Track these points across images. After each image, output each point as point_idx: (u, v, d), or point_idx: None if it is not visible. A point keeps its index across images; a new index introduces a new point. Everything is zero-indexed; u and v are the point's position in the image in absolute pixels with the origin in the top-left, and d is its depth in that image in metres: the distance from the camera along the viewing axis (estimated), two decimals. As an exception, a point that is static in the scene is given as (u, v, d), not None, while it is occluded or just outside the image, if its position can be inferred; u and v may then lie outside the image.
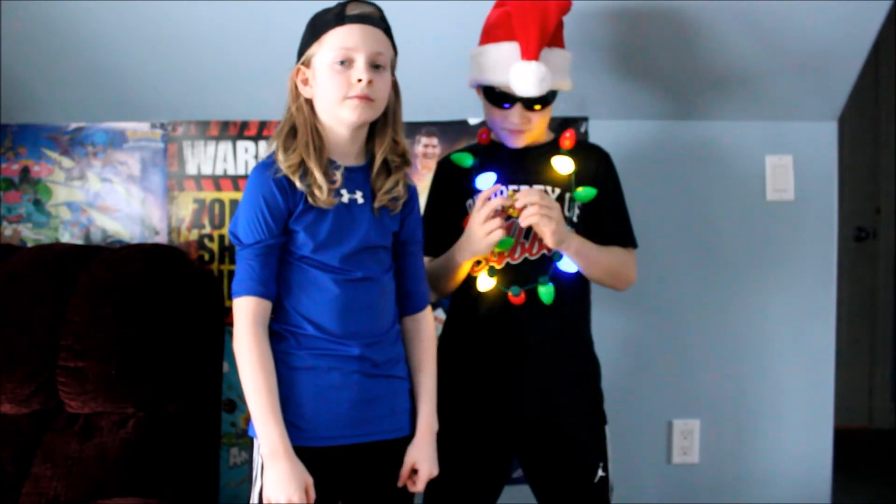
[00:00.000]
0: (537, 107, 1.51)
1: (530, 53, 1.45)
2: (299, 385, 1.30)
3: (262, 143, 1.99)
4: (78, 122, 2.01)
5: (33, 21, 1.81)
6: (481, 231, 1.44)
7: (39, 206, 2.03)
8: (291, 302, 1.32)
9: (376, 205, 1.35)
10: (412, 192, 1.43)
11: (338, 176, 1.31)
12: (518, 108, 1.51)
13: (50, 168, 2.02)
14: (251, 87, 1.93)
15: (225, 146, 2.00)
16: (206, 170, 2.00)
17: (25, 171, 2.02)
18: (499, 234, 1.44)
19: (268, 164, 1.32)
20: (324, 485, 1.31)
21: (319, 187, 1.28)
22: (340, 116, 1.31)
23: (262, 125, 1.99)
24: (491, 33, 1.53)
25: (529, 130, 1.54)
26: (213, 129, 2.00)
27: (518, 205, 1.44)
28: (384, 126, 1.36)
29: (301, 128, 1.32)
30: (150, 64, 1.90)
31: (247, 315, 1.29)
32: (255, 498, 1.32)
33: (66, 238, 2.02)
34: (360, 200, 1.34)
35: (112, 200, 2.02)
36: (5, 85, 1.92)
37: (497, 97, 1.52)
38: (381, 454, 1.35)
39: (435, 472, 1.38)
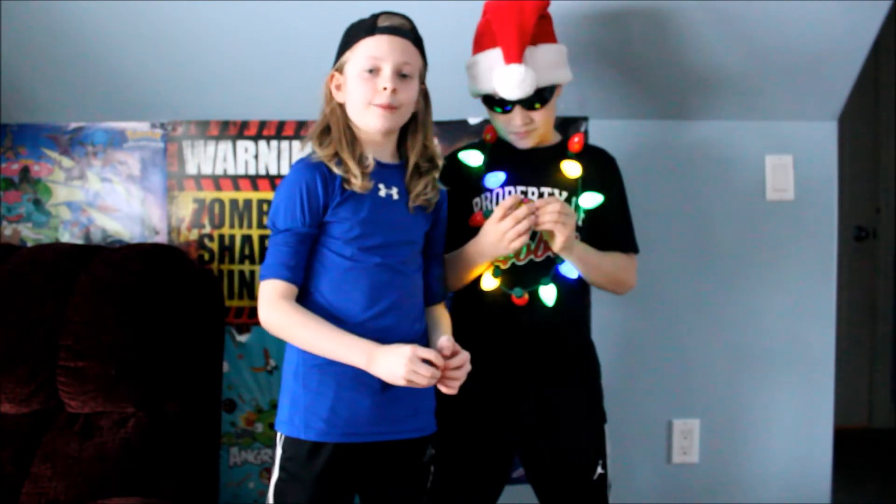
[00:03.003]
0: (537, 106, 1.52)
1: (511, 57, 1.46)
2: (322, 381, 1.33)
3: (262, 143, 1.99)
4: (78, 122, 2.01)
5: (33, 21, 1.81)
6: (505, 236, 1.44)
7: (39, 205, 2.03)
8: (321, 296, 1.35)
9: (411, 204, 1.40)
10: (443, 194, 1.48)
11: (370, 160, 1.37)
12: (518, 110, 1.52)
13: (50, 168, 2.02)
14: (251, 87, 1.93)
15: (225, 146, 2.00)
16: (206, 169, 2.00)
17: (25, 170, 2.02)
18: (521, 242, 1.44)
19: (309, 158, 1.38)
20: (342, 478, 1.35)
21: (354, 174, 1.34)
22: (367, 122, 1.37)
23: (262, 125, 1.99)
24: (479, 42, 1.55)
25: (535, 130, 1.55)
26: (213, 128, 2.00)
27: (541, 211, 1.43)
28: (415, 131, 1.43)
29: (334, 127, 1.38)
30: (150, 64, 1.90)
31: (272, 294, 1.33)
32: (271, 490, 1.37)
33: (66, 238, 2.02)
34: (396, 196, 1.39)
35: (112, 200, 2.02)
36: (5, 85, 1.92)
37: (495, 103, 1.53)
38: (400, 452, 1.38)
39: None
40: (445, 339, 1.35)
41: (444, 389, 1.34)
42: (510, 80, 1.46)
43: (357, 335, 1.30)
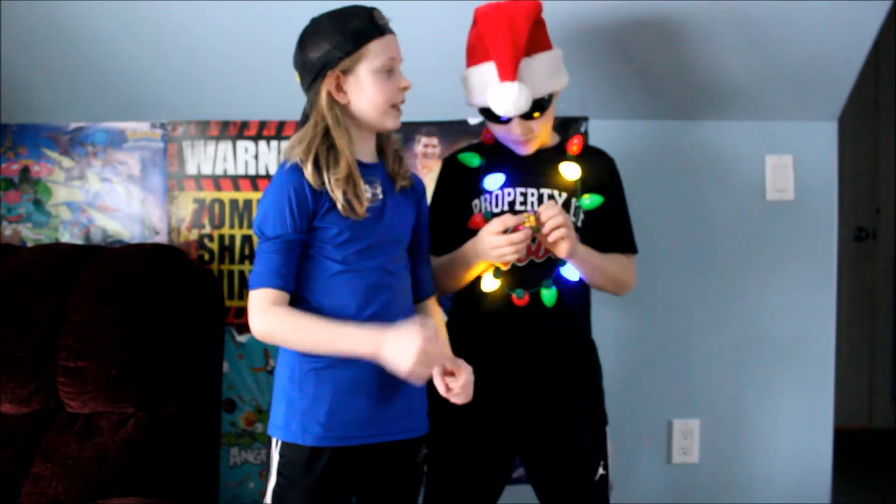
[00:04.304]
0: (536, 115, 1.50)
1: (505, 74, 1.44)
2: (319, 385, 1.33)
3: (262, 143, 1.99)
4: (78, 122, 2.01)
5: (33, 21, 1.81)
6: (497, 250, 1.43)
7: (39, 205, 2.03)
8: (313, 300, 1.33)
9: (398, 187, 1.40)
10: (421, 186, 1.48)
11: (377, 189, 1.36)
12: (516, 121, 1.50)
13: (50, 168, 2.02)
14: (251, 87, 1.93)
15: (225, 146, 2.00)
16: (206, 170, 2.01)
17: (25, 170, 2.02)
18: (513, 258, 1.43)
19: (297, 168, 1.32)
20: (341, 482, 1.35)
21: (360, 201, 1.31)
22: (385, 123, 1.36)
23: (262, 125, 1.99)
24: (471, 55, 1.53)
25: (535, 137, 1.54)
26: (213, 129, 2.00)
27: (543, 218, 1.42)
28: None
29: (339, 141, 1.32)
30: (150, 64, 1.90)
31: (264, 301, 1.30)
32: (269, 495, 1.36)
33: (66, 238, 2.02)
34: (381, 195, 1.38)
35: (112, 200, 2.02)
36: (5, 85, 1.92)
37: (493, 115, 1.51)
38: (395, 453, 1.38)
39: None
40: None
41: (457, 400, 1.34)
42: (505, 98, 1.44)
43: None
